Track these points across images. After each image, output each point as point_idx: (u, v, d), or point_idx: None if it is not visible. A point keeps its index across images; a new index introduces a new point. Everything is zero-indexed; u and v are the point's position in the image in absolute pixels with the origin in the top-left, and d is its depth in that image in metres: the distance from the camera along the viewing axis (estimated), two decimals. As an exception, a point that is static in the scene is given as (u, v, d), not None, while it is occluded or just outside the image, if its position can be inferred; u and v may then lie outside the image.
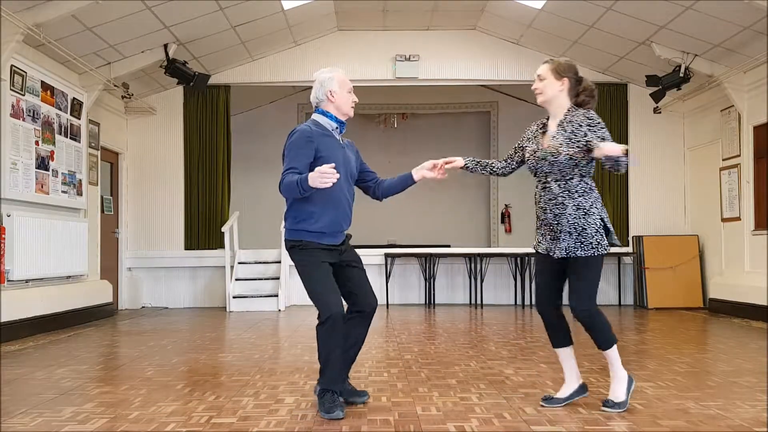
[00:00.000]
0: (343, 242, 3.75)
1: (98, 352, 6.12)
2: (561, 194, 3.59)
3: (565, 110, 3.64)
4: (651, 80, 9.05)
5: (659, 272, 9.67)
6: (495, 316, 8.71)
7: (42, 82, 7.37)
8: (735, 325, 7.67)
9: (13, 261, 6.70)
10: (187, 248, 10.20)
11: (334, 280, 3.63)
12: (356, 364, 5.04)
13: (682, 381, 4.38)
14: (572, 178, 3.57)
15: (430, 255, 10.14)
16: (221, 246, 9.94)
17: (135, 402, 3.87)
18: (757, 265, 8.22)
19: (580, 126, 3.53)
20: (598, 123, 3.53)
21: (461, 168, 3.91)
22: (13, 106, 6.81)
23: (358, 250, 4.00)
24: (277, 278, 9.88)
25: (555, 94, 3.66)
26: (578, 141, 3.51)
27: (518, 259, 10.15)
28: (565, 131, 3.57)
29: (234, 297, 9.59)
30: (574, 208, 3.56)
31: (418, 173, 3.85)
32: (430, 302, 10.08)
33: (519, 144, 3.90)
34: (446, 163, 3.84)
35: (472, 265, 10.13)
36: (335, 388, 3.55)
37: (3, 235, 6.61)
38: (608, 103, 10.33)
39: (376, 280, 10.18)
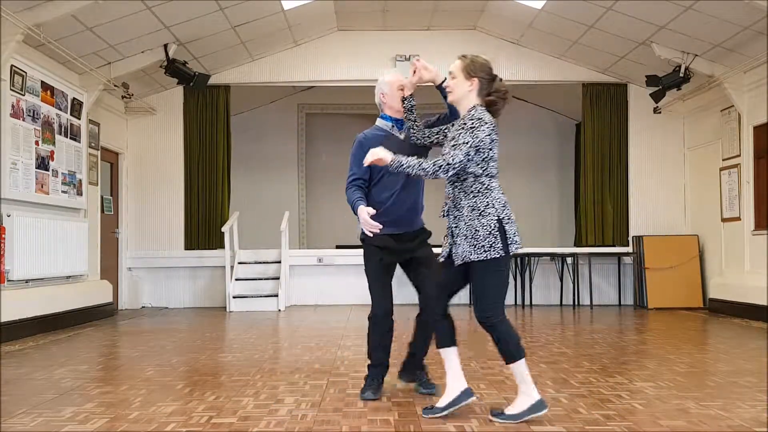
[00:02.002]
0: (416, 235, 3.97)
1: (98, 352, 6.12)
2: (457, 195, 3.44)
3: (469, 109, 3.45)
4: (651, 80, 9.05)
5: (659, 272, 9.67)
6: (495, 316, 8.70)
7: (42, 82, 7.37)
8: (735, 325, 7.67)
9: (13, 261, 6.70)
10: (187, 248, 10.20)
11: (387, 278, 3.96)
12: (356, 364, 5.06)
13: (682, 381, 4.38)
14: (466, 179, 3.39)
15: (430, 255, 10.13)
16: (221, 246, 9.94)
17: (135, 402, 3.87)
18: (757, 265, 8.22)
19: (459, 125, 3.43)
20: (470, 123, 3.34)
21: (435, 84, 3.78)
22: (13, 106, 6.81)
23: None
24: (277, 278, 9.88)
25: (464, 94, 3.46)
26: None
27: (518, 259, 10.15)
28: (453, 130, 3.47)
29: (234, 297, 9.59)
30: (469, 209, 3.37)
31: (409, 90, 3.86)
32: (430, 302, 10.06)
33: (445, 129, 3.65)
34: (424, 68, 3.76)
35: (472, 265, 10.11)
36: (374, 373, 3.97)
37: (3, 235, 6.61)
38: (608, 103, 10.34)
39: (376, 280, 10.18)
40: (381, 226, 3.65)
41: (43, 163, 7.37)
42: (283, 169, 12.87)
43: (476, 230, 3.35)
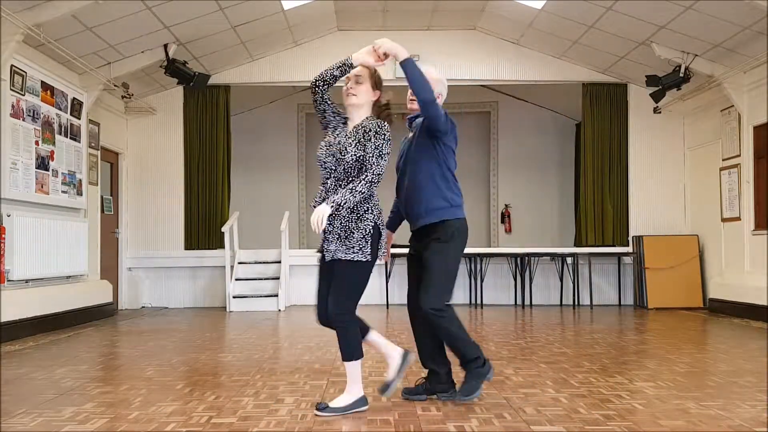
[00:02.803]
0: (418, 232, 3.88)
1: (98, 352, 6.12)
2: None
3: (365, 117, 3.63)
4: (651, 80, 9.05)
5: (659, 272, 9.67)
6: (495, 316, 8.71)
7: (42, 82, 7.37)
8: (735, 325, 7.67)
9: (13, 261, 6.70)
10: (187, 248, 10.20)
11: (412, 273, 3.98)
12: (356, 364, 5.05)
13: (682, 381, 4.38)
14: (353, 180, 3.51)
15: (430, 255, 10.11)
16: (221, 246, 9.94)
17: (135, 402, 3.87)
18: (757, 265, 8.22)
19: (370, 131, 3.53)
20: (383, 135, 3.52)
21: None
22: (13, 106, 6.81)
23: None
24: (277, 278, 9.88)
25: (367, 102, 3.65)
26: (364, 145, 3.50)
27: (518, 259, 10.15)
28: (358, 134, 3.55)
29: (234, 297, 9.59)
30: (348, 210, 3.49)
31: (358, 58, 3.67)
32: (430, 302, 10.05)
33: (334, 111, 3.71)
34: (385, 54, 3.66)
35: (472, 265, 10.13)
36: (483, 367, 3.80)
37: (3, 235, 6.61)
38: (608, 103, 10.34)
39: (376, 280, 10.19)
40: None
41: (43, 163, 7.37)
42: (283, 169, 12.88)
43: (351, 232, 3.50)
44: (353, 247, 3.47)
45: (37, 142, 7.25)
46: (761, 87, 8.03)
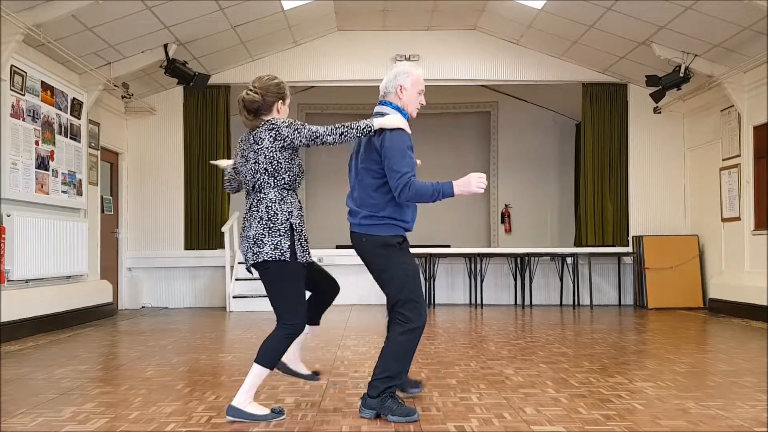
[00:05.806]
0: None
1: (98, 352, 6.12)
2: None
3: None
4: (651, 80, 9.06)
5: (659, 272, 9.67)
6: (495, 316, 8.71)
7: (42, 82, 7.37)
8: (735, 325, 7.67)
9: (13, 261, 6.70)
10: (187, 248, 10.20)
11: None
12: (356, 364, 5.05)
13: (682, 381, 4.38)
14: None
15: (430, 255, 10.14)
16: (221, 246, 9.94)
17: (135, 402, 3.87)
18: (757, 265, 8.22)
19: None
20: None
21: None
22: (13, 106, 6.81)
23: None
24: (277, 278, 9.87)
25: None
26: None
27: (518, 259, 10.15)
28: None
29: (234, 297, 9.59)
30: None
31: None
32: (430, 302, 10.07)
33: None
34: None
35: (472, 265, 10.13)
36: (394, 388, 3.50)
37: (3, 235, 6.61)
38: (608, 103, 10.34)
39: (376, 280, 10.18)
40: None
41: (43, 163, 7.37)
42: (283, 169, 12.85)
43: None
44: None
45: (37, 142, 7.25)
46: (761, 87, 8.03)
